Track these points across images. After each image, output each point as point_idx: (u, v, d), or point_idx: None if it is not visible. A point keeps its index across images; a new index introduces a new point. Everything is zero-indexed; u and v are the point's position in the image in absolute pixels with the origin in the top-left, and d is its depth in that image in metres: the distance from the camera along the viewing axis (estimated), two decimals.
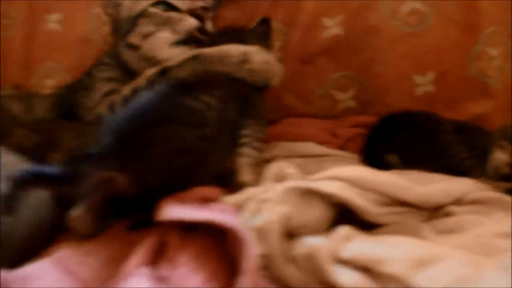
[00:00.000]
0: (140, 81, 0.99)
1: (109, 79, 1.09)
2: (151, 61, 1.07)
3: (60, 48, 1.39)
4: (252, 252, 0.59)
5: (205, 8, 1.13)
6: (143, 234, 0.77)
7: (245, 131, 0.89)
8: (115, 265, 0.71)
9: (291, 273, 0.64)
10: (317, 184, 0.71)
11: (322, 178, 0.75)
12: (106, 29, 1.34)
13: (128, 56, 1.12)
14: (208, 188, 0.77)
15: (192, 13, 1.09)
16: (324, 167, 0.84)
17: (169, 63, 0.97)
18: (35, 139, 0.95)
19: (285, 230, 0.66)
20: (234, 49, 0.93)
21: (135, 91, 0.97)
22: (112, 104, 1.01)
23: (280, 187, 0.70)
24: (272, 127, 1.13)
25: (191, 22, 1.08)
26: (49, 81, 1.40)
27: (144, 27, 1.09)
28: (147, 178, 0.73)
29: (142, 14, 1.08)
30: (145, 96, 0.82)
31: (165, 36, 1.08)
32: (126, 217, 0.80)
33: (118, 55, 1.14)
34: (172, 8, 1.08)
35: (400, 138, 1.02)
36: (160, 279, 0.62)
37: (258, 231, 0.65)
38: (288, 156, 1.02)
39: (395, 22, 1.16)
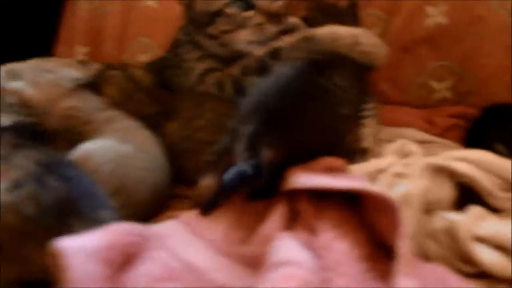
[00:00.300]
0: (250, 62, 1.00)
1: (199, 58, 1.10)
2: (230, 48, 1.07)
3: (155, 24, 1.42)
4: (403, 218, 0.59)
5: None
6: (264, 203, 0.79)
7: (366, 106, 0.91)
8: (244, 229, 0.72)
9: (430, 246, 0.64)
10: (451, 163, 0.71)
11: (450, 158, 0.74)
12: None
13: (208, 44, 1.11)
14: (333, 158, 0.78)
15: (270, 13, 1.06)
16: (433, 152, 0.83)
17: (280, 44, 0.97)
18: (154, 107, 0.98)
19: (423, 204, 0.66)
20: (344, 31, 0.94)
21: (245, 72, 0.98)
22: (219, 83, 1.02)
23: (419, 162, 0.70)
24: None
25: (271, 30, 1.06)
26: (142, 56, 1.43)
27: (222, 25, 1.07)
28: (292, 155, 0.74)
29: (219, 13, 1.07)
30: (284, 76, 0.84)
31: (246, 35, 1.06)
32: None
33: (198, 41, 1.12)
34: (249, 5, 1.06)
35: (506, 128, 1.01)
36: (305, 244, 0.62)
37: (399, 202, 0.65)
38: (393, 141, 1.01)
39: (502, 12, 1.13)
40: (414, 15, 1.19)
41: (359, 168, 0.77)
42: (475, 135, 1.04)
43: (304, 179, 0.70)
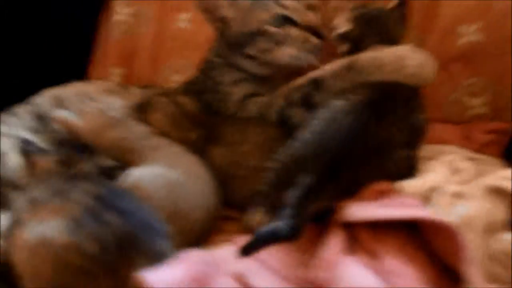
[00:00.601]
0: (291, 91, 1.01)
1: (236, 82, 1.11)
2: (268, 66, 1.10)
3: (189, 45, 1.44)
4: (465, 242, 0.60)
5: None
6: (319, 227, 0.80)
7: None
8: (303, 253, 0.74)
9: (492, 268, 0.65)
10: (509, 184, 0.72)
11: (505, 178, 0.75)
12: None
13: (247, 64, 1.12)
14: (381, 182, 0.79)
15: (311, 29, 1.09)
16: (481, 169, 0.84)
17: (322, 73, 0.97)
18: (197, 131, 0.99)
19: (485, 226, 0.67)
20: (388, 56, 0.92)
21: (290, 104, 0.99)
22: (261, 111, 1.04)
23: (478, 183, 0.71)
24: None
25: (317, 43, 1.08)
26: (176, 76, 1.45)
27: (263, 43, 1.08)
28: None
29: (259, 33, 1.07)
30: (345, 123, 0.82)
31: (286, 53, 1.08)
32: None
33: (234, 62, 1.14)
34: (289, 21, 1.07)
35: None
36: (371, 269, 0.64)
37: (460, 225, 0.66)
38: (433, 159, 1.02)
39: None
40: (448, 33, 1.20)
41: (411, 186, 0.78)
42: None
43: (360, 211, 0.71)
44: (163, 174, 0.84)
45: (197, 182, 0.87)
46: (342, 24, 1.02)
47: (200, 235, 0.84)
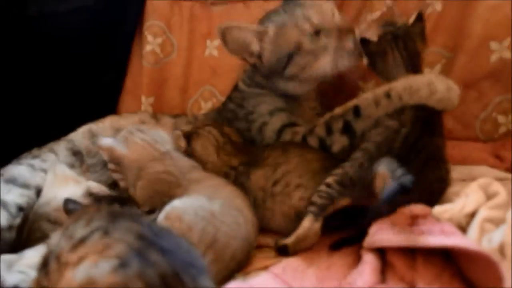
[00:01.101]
0: (332, 120, 1.04)
1: (272, 112, 1.14)
2: (309, 81, 1.16)
3: (217, 73, 1.47)
4: (504, 272, 0.60)
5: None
6: (352, 254, 0.81)
7: None
8: (334, 281, 0.75)
9: None
10: None
11: None
12: None
13: (286, 85, 1.17)
14: (417, 205, 0.80)
15: (344, 28, 1.12)
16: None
17: (360, 101, 1.01)
18: (240, 157, 1.02)
19: None
20: (419, 82, 0.96)
21: (330, 132, 1.03)
22: (302, 138, 1.07)
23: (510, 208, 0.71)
24: None
25: (351, 39, 1.11)
26: (206, 104, 1.48)
27: (301, 61, 1.12)
28: None
29: (296, 51, 1.11)
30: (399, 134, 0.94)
31: (326, 61, 1.12)
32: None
33: (274, 86, 1.18)
34: (323, 31, 1.11)
35: None
36: None
37: (496, 253, 0.66)
38: (465, 180, 1.02)
39: None
40: (478, 51, 1.20)
41: (445, 211, 0.78)
42: None
43: (396, 236, 0.71)
44: (203, 205, 0.86)
45: (235, 213, 0.88)
46: (368, 34, 1.05)
47: (237, 265, 0.85)
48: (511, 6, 1.14)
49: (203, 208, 0.84)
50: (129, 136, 1.01)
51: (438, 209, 0.80)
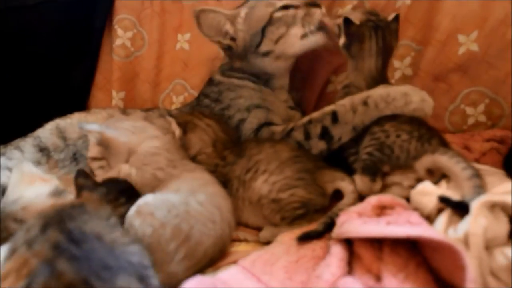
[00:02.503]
0: (309, 125, 1.04)
1: (248, 108, 1.15)
2: (284, 58, 1.19)
3: (188, 67, 1.46)
4: (468, 261, 0.61)
5: None
6: (313, 246, 0.82)
7: None
8: (303, 273, 0.75)
9: (492, 283, 0.66)
10: (507, 198, 0.72)
11: (504, 192, 0.76)
12: None
13: (262, 62, 1.21)
14: (383, 195, 0.81)
15: (311, 3, 1.18)
16: None
17: (338, 107, 1.02)
18: (232, 150, 1.04)
19: (484, 242, 0.68)
20: (396, 91, 0.99)
21: (308, 137, 1.04)
22: (278, 136, 1.08)
23: (475, 201, 0.71)
24: None
25: (318, 12, 1.17)
26: (178, 98, 1.47)
27: (273, 33, 1.17)
28: None
29: (269, 23, 1.17)
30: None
31: (296, 32, 1.17)
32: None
33: (250, 67, 1.23)
34: (291, 7, 1.17)
35: None
36: None
37: (461, 243, 0.67)
38: None
39: None
40: (446, 44, 1.22)
41: (426, 194, 0.80)
42: None
43: (364, 227, 0.72)
44: (178, 202, 0.84)
45: (214, 211, 0.87)
46: (352, 15, 1.06)
47: (209, 262, 0.85)
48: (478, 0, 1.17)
49: (177, 206, 0.83)
50: (116, 123, 1.01)
51: (421, 188, 0.81)
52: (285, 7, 1.17)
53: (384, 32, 1.07)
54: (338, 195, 0.96)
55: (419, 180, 0.87)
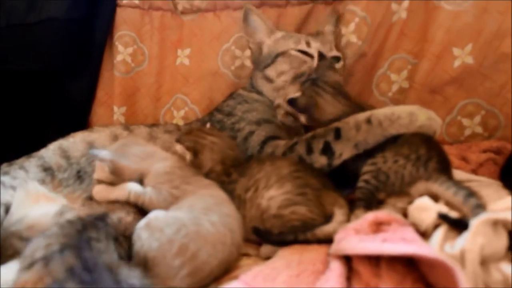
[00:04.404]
0: (312, 140, 1.04)
1: (259, 122, 1.17)
2: (279, 93, 1.20)
3: (189, 81, 1.48)
4: (462, 278, 0.62)
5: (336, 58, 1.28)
6: (314, 261, 0.83)
7: None
8: None
9: None
10: (507, 215, 0.74)
11: (503, 208, 0.77)
12: (237, 63, 1.43)
13: (263, 86, 1.28)
14: (380, 212, 0.82)
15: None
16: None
17: (342, 124, 1.01)
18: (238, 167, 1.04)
19: (480, 259, 0.69)
20: (401, 110, 0.98)
21: (310, 151, 1.03)
22: (284, 152, 1.08)
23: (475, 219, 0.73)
24: None
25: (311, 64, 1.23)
26: (179, 112, 1.49)
27: (280, 65, 1.24)
28: None
29: (282, 54, 1.25)
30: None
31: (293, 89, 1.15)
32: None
33: (255, 82, 1.31)
34: (308, 55, 1.24)
35: None
36: None
37: (457, 258, 0.68)
38: None
39: None
40: (441, 57, 1.24)
41: (423, 209, 0.81)
42: (509, 171, 1.07)
43: (361, 244, 0.73)
44: (188, 222, 0.83)
45: (226, 233, 0.86)
46: (290, 93, 1.10)
47: (213, 280, 0.85)
48: (472, 14, 1.18)
49: (187, 225, 0.83)
50: (126, 148, 1.02)
51: (419, 203, 0.83)
52: (303, 52, 1.24)
53: (322, 77, 1.10)
54: None
55: (411, 203, 0.88)
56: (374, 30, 1.32)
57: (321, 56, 1.18)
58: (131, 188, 0.96)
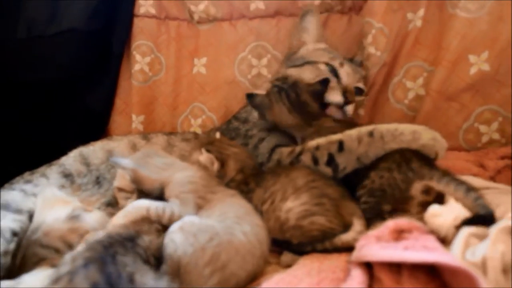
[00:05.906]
0: (317, 151, 1.05)
1: (270, 129, 1.18)
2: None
3: (206, 90, 1.50)
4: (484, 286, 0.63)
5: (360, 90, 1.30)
6: (334, 268, 0.84)
7: None
8: None
9: None
10: None
11: None
12: (253, 72, 1.44)
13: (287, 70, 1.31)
14: (401, 219, 0.82)
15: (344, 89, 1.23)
16: (493, 200, 0.87)
17: (345, 137, 1.03)
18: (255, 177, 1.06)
19: (502, 266, 0.69)
20: (405, 127, 0.99)
21: (316, 162, 1.05)
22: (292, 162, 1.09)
23: (494, 226, 0.73)
24: None
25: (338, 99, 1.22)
26: (196, 120, 1.50)
27: (305, 71, 1.26)
28: None
29: (311, 62, 1.27)
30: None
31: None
32: None
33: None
34: (333, 70, 1.26)
35: None
36: None
37: (478, 266, 0.68)
38: None
39: None
40: (457, 64, 1.24)
41: (439, 215, 0.81)
42: None
43: (382, 252, 0.74)
44: (221, 231, 0.83)
45: (256, 245, 0.87)
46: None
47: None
48: (487, 21, 1.19)
49: (220, 235, 0.83)
50: (147, 158, 1.03)
51: (432, 210, 0.83)
52: (329, 66, 1.26)
53: (289, 92, 1.14)
54: None
55: (421, 204, 0.88)
56: (393, 40, 1.33)
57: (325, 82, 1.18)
58: (149, 206, 0.92)
